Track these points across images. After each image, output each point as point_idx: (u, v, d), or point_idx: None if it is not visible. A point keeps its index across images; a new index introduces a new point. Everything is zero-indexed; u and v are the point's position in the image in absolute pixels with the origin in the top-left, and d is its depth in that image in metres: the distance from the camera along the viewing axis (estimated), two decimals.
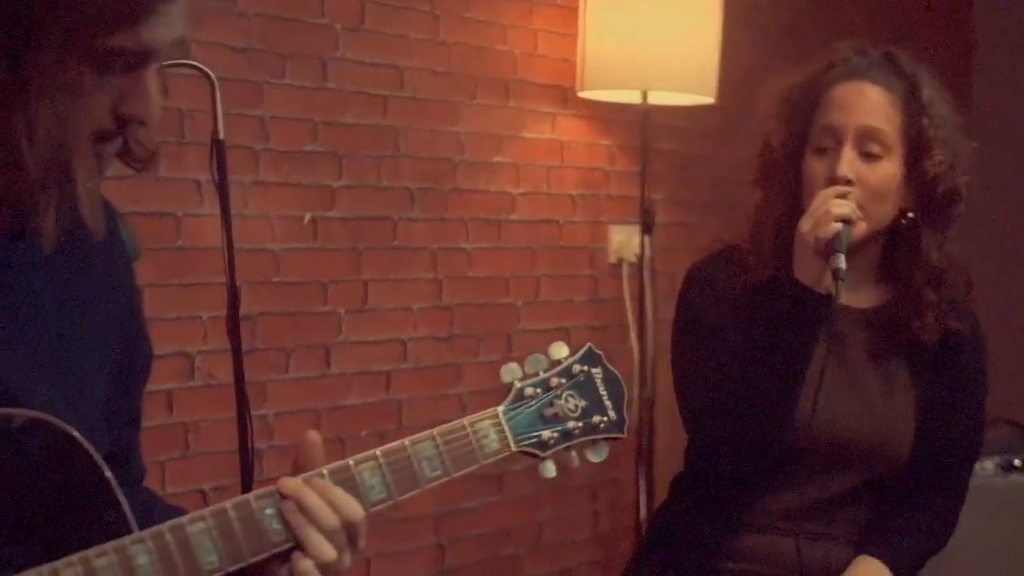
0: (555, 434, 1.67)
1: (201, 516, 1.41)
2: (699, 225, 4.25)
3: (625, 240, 4.06)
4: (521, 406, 1.67)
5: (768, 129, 2.35)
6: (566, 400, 1.70)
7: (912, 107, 2.24)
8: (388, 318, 3.44)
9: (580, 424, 1.70)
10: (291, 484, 1.47)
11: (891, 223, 2.28)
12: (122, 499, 1.39)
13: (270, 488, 1.47)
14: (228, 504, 1.43)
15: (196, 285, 2.97)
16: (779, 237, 2.29)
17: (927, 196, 2.26)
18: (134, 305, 1.60)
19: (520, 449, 1.65)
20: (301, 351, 3.24)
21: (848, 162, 2.20)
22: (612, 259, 4.07)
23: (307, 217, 3.25)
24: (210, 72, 2.46)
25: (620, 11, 3.62)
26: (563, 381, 1.70)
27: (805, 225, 2.18)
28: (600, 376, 1.73)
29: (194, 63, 2.44)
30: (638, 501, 3.84)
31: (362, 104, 3.36)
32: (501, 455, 1.64)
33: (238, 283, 2.70)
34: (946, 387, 2.33)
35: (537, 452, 1.67)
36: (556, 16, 3.85)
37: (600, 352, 1.75)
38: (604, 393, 1.73)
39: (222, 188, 2.38)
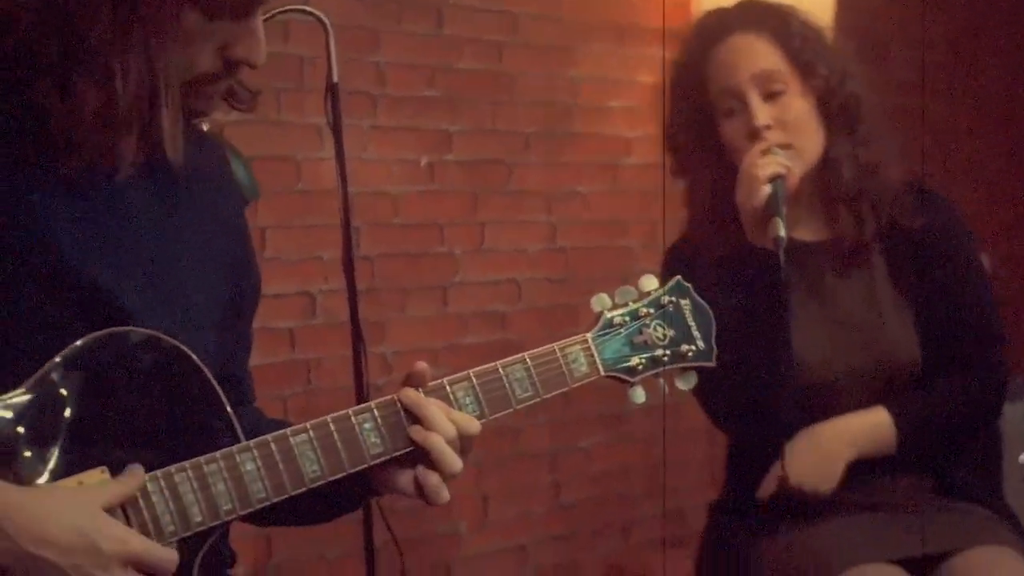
0: (643, 360, 1.72)
1: (304, 428, 1.50)
2: None
3: None
4: (610, 333, 1.72)
5: (669, 120, 2.36)
6: (654, 329, 1.75)
7: (785, 38, 2.23)
8: (503, 259, 3.51)
9: (668, 352, 1.75)
10: (412, 395, 1.56)
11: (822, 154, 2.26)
12: (230, 411, 1.49)
13: (367, 404, 1.55)
14: (329, 418, 1.52)
15: (317, 226, 3.08)
16: (718, 212, 2.28)
17: (827, 111, 2.25)
18: (243, 237, 1.69)
19: (609, 374, 1.71)
20: (419, 291, 3.33)
21: (758, 109, 2.20)
22: None
23: (424, 161, 3.33)
24: (324, 18, 2.54)
25: None
26: (652, 311, 1.75)
27: (740, 195, 2.18)
28: (688, 307, 1.78)
29: (309, 9, 2.53)
30: None
31: (477, 50, 3.43)
32: (590, 378, 1.69)
33: (357, 224, 2.80)
34: (936, 282, 2.28)
35: (626, 377, 1.72)
36: None
37: (689, 284, 1.79)
38: (693, 324, 1.78)
39: (336, 131, 2.47)
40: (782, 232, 2.10)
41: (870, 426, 2.23)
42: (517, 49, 3.52)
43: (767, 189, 2.14)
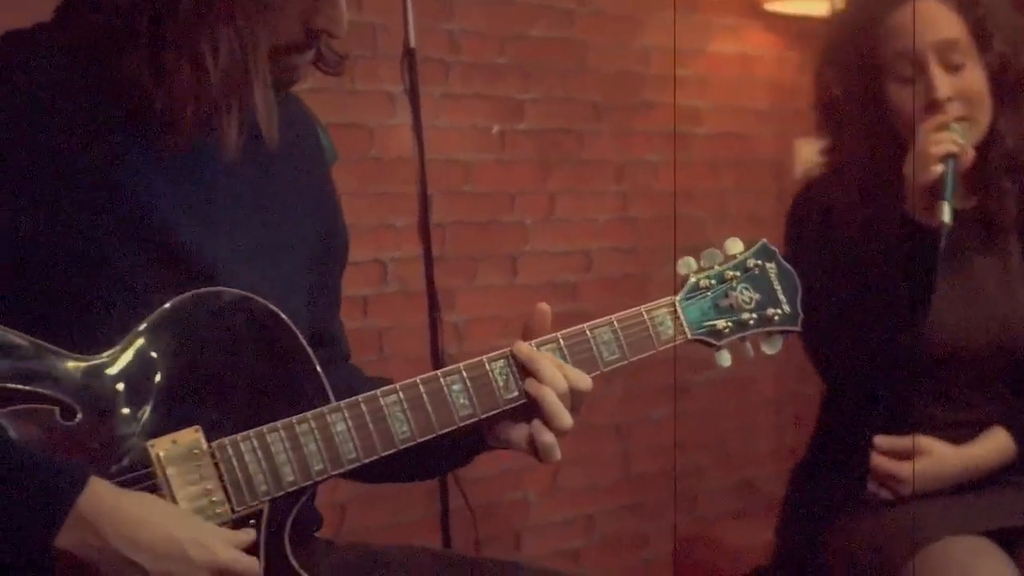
0: (729, 324, 1.71)
1: (393, 389, 1.51)
2: None
3: (811, 154, 4.02)
4: (696, 296, 1.71)
5: (821, 78, 2.31)
6: (740, 292, 1.73)
7: (971, 5, 2.16)
8: (573, 229, 3.50)
9: (754, 316, 1.73)
10: (525, 349, 1.57)
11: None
12: (319, 370, 1.49)
13: (456, 366, 1.55)
14: (418, 379, 1.52)
15: (389, 194, 3.08)
16: (867, 177, 2.24)
17: (999, 83, 2.19)
18: (331, 197, 1.69)
19: (696, 337, 1.70)
20: (489, 260, 3.33)
21: (940, 81, 2.14)
22: (798, 173, 4.04)
23: (495, 129, 3.32)
24: None
25: None
26: (737, 274, 1.74)
27: (907, 168, 2.12)
28: (774, 271, 1.77)
29: None
30: None
31: (549, 18, 3.41)
32: (676, 341, 1.68)
33: (429, 192, 2.80)
34: None
35: (712, 341, 1.71)
36: None
37: (775, 248, 1.78)
38: (778, 287, 1.76)
39: (414, 98, 2.47)
40: (947, 218, 2.04)
41: (995, 454, 2.21)
42: (588, 17, 3.50)
43: (939, 168, 2.08)
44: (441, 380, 1.54)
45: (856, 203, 2.25)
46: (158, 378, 1.42)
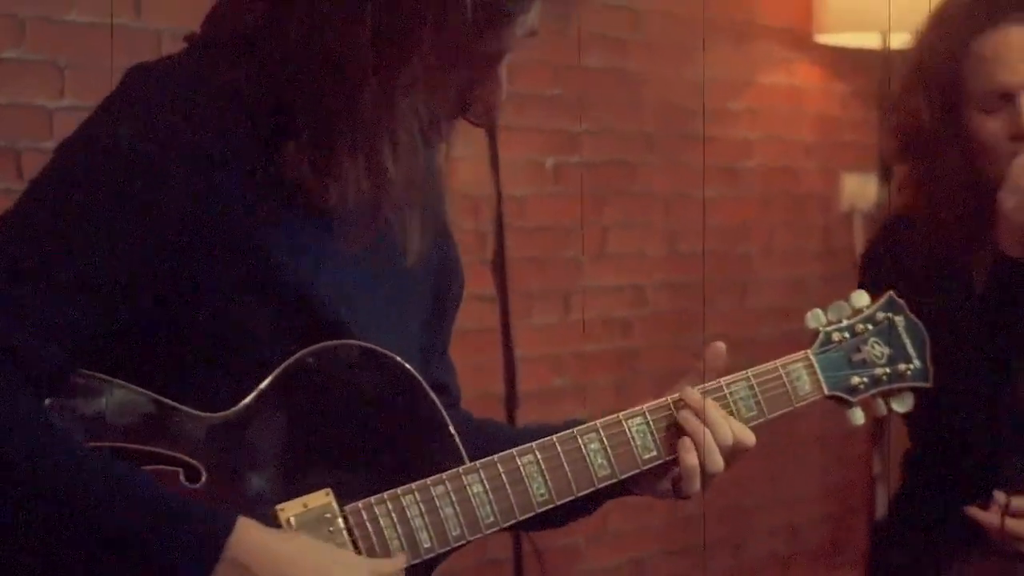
0: (864, 379, 1.65)
1: (530, 449, 1.42)
2: None
3: (857, 188, 3.96)
4: (829, 350, 1.65)
5: (908, 103, 2.22)
6: (872, 347, 1.68)
7: None
8: (626, 264, 3.42)
9: (888, 370, 1.67)
10: (696, 396, 1.51)
11: None
12: (453, 431, 1.40)
13: (592, 423, 1.47)
14: (555, 438, 1.44)
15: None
16: (960, 208, 2.14)
17: None
18: (449, 239, 1.60)
19: (832, 393, 1.63)
20: (543, 296, 3.24)
21: None
22: (844, 207, 3.98)
23: (549, 162, 3.24)
24: None
25: None
26: (869, 327, 1.68)
27: (1009, 201, 2.02)
28: (903, 324, 1.71)
29: None
30: (870, 452, 3.75)
31: (601, 48, 3.34)
32: (813, 397, 1.62)
33: (484, 228, 2.72)
34: None
35: (847, 397, 1.65)
36: None
37: (902, 300, 1.72)
38: (907, 341, 1.71)
39: (491, 133, 2.38)
40: None
41: None
42: (640, 48, 3.42)
43: None
44: (579, 439, 1.45)
45: (944, 240, 2.14)
46: (286, 436, 1.33)
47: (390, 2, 1.29)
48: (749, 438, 1.54)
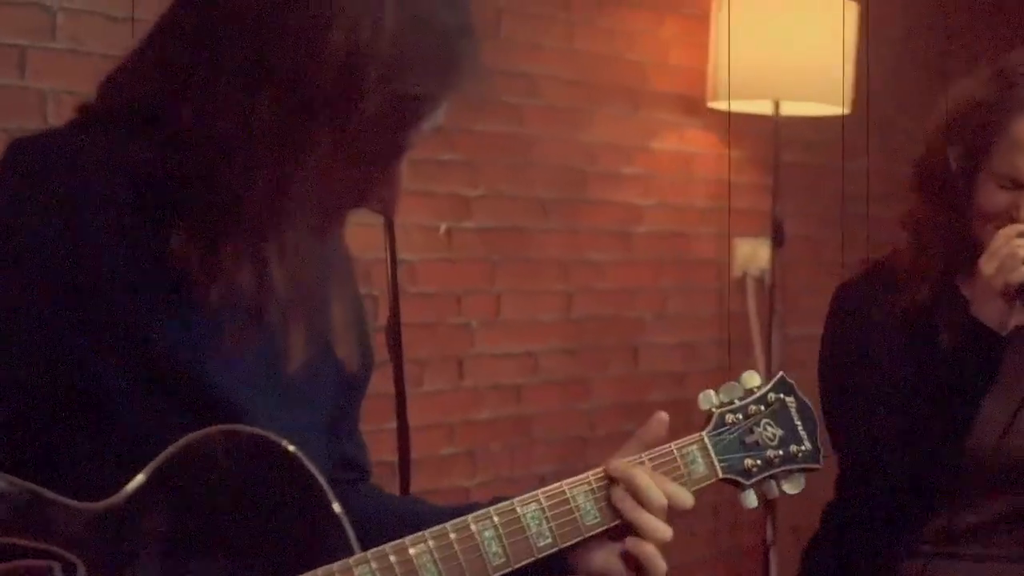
0: (757, 462, 1.64)
1: (422, 538, 1.37)
2: (824, 239, 4.16)
3: (750, 253, 3.99)
4: (723, 432, 1.63)
5: (936, 144, 2.26)
6: (764, 428, 1.66)
7: None
8: (519, 330, 3.40)
9: (780, 453, 1.66)
10: (621, 466, 1.49)
11: None
12: (344, 517, 1.35)
13: (486, 510, 1.43)
14: (448, 526, 1.39)
15: None
16: (945, 255, 2.21)
17: None
18: (361, 321, 1.55)
19: (725, 477, 1.62)
20: (435, 363, 3.20)
21: None
22: (736, 272, 4.00)
23: (443, 228, 3.21)
24: None
25: (752, 20, 3.55)
26: (761, 409, 1.67)
27: (988, 267, 2.08)
28: (794, 405, 1.70)
29: None
30: (764, 518, 3.76)
31: (496, 113, 3.32)
32: (707, 481, 1.60)
33: (376, 292, 2.67)
34: None
35: (741, 480, 1.63)
36: (686, 25, 3.79)
37: (792, 381, 1.72)
38: (799, 423, 1.69)
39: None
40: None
41: None
42: (536, 111, 3.42)
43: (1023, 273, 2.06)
44: (472, 527, 1.40)
45: (919, 290, 2.21)
46: (169, 526, 1.28)
47: (287, 93, 1.24)
48: (687, 500, 1.53)
